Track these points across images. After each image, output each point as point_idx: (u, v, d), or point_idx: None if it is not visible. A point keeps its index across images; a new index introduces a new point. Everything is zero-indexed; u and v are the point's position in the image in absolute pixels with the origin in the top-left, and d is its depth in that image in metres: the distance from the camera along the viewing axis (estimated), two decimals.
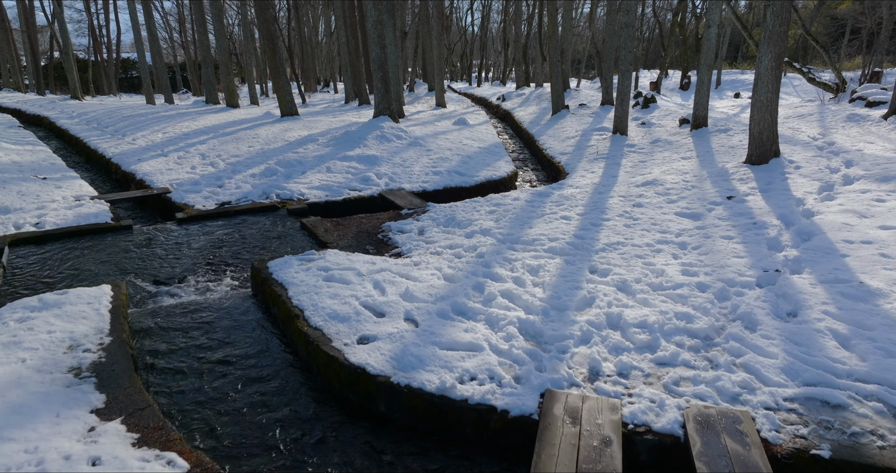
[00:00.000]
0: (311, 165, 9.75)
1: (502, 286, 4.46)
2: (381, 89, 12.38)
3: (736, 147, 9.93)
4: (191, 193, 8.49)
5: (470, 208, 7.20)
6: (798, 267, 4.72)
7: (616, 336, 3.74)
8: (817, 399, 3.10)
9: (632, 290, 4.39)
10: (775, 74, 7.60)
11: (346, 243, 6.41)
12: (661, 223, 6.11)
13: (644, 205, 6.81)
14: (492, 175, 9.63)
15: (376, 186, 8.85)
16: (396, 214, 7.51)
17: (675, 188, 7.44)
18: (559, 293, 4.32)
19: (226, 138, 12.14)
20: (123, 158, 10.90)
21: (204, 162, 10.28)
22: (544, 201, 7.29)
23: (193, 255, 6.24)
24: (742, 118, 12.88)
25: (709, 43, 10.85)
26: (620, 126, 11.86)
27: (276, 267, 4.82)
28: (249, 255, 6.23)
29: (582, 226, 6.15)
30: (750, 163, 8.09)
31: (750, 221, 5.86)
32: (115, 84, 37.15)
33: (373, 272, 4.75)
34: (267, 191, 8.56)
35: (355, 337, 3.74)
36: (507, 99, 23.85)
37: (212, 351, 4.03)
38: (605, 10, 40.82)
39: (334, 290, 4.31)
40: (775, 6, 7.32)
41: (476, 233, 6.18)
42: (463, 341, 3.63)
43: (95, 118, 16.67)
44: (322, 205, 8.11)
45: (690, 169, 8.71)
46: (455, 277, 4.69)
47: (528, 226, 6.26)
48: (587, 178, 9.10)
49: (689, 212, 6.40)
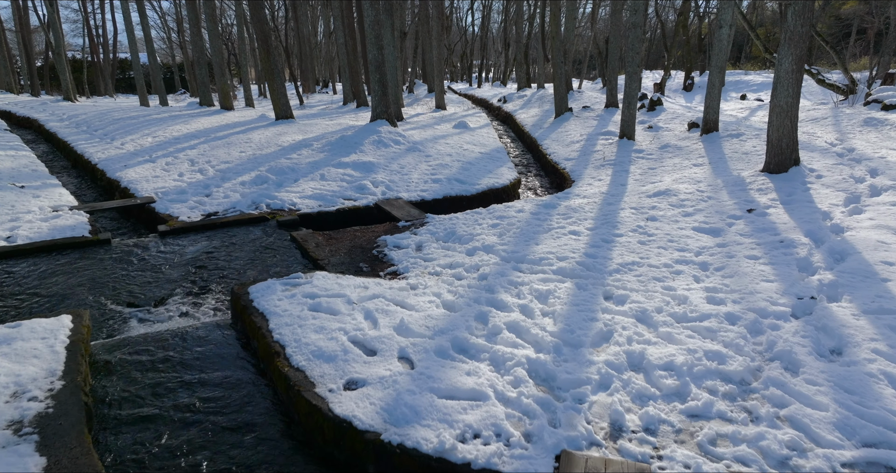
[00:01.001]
0: (304, 172, 9.28)
1: (508, 316, 4.00)
2: (379, 92, 11.91)
3: (750, 153, 9.47)
4: (176, 203, 8.03)
5: (471, 221, 6.74)
6: (835, 293, 4.26)
7: (639, 380, 3.28)
8: (881, 464, 2.64)
9: (653, 322, 3.93)
10: (796, 77, 7.14)
11: (338, 260, 5.95)
12: (679, 239, 5.65)
13: (658, 218, 6.34)
14: (494, 183, 9.17)
15: (372, 195, 8.39)
16: (393, 227, 7.05)
17: (690, 199, 6.98)
18: (572, 325, 3.86)
19: (217, 143, 11.68)
20: (109, 164, 10.44)
21: (192, 168, 9.82)
22: (551, 213, 6.83)
23: (173, 274, 5.78)
24: (752, 121, 12.42)
25: (720, 44, 10.39)
26: (627, 130, 11.39)
27: (257, 293, 4.36)
28: (233, 274, 5.77)
29: (593, 242, 5.69)
30: (768, 172, 7.63)
31: (775, 238, 5.39)
32: (111, 85, 36.72)
33: (364, 299, 4.29)
34: (257, 200, 8.10)
35: (342, 380, 3.28)
36: (508, 100, 23.39)
37: (182, 394, 3.57)
38: (607, 9, 40.39)
39: (320, 322, 3.85)
40: (797, 5, 6.86)
41: (478, 250, 5.73)
42: (465, 387, 3.17)
43: (85, 121, 16.21)
44: (314, 216, 7.65)
45: (704, 177, 8.25)
46: (455, 305, 4.23)
47: (535, 243, 5.79)
48: (594, 187, 8.64)
49: (708, 227, 5.93)
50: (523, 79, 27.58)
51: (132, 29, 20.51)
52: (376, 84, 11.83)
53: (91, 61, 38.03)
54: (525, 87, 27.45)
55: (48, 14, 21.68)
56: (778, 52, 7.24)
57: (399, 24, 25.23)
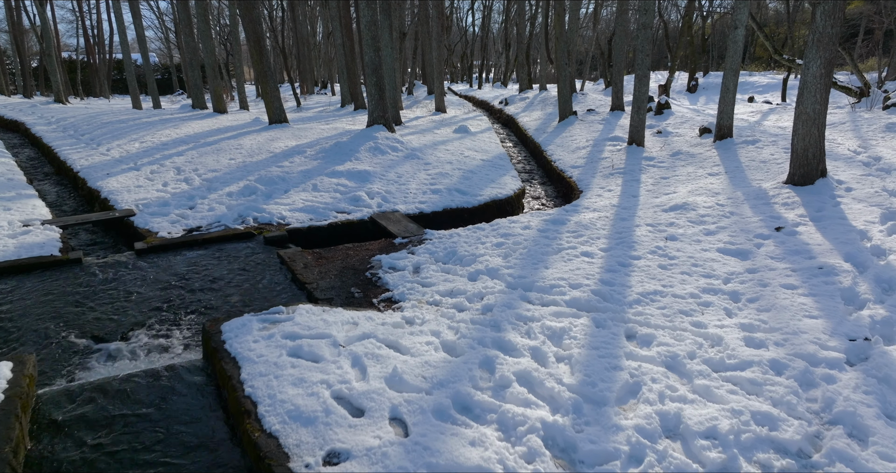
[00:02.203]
0: (295, 182, 8.75)
1: (518, 363, 3.47)
2: (376, 96, 11.37)
3: (768, 161, 8.94)
4: (157, 217, 7.50)
5: (474, 239, 6.21)
6: (891, 332, 3.73)
7: (677, 453, 2.74)
8: None
9: (686, 371, 3.39)
10: (825, 82, 6.61)
11: (327, 283, 5.42)
12: (703, 263, 5.11)
13: (678, 237, 5.81)
14: (497, 193, 8.63)
15: (367, 208, 7.85)
16: (389, 244, 6.52)
17: (710, 215, 6.44)
18: (593, 375, 3.32)
19: (206, 149, 11.15)
20: (91, 172, 9.91)
21: (178, 177, 9.28)
22: (560, 231, 6.29)
23: (146, 299, 5.25)
24: (766, 126, 11.89)
25: (735, 45, 9.85)
26: (636, 136, 10.86)
27: (230, 332, 3.82)
28: (212, 299, 5.24)
29: (608, 266, 5.15)
30: (792, 184, 7.09)
31: (812, 263, 4.85)
32: (107, 85, 36.20)
33: (353, 340, 3.75)
34: (244, 213, 7.57)
35: (322, 452, 2.75)
36: (510, 103, 22.86)
37: (137, 463, 3.04)
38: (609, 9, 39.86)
39: (300, 372, 3.32)
40: (827, 5, 6.33)
41: (482, 274, 5.19)
42: (469, 462, 2.64)
43: (73, 124, 15.68)
44: (304, 232, 7.11)
45: (722, 188, 7.72)
46: (457, 347, 3.70)
47: (544, 266, 5.26)
48: (605, 198, 8.11)
49: (735, 249, 5.39)
50: (525, 81, 27.05)
51: (124, 29, 19.98)
52: (373, 87, 11.29)
53: (87, 62, 37.50)
54: (527, 89, 26.92)
55: (38, 14, 21.15)
56: (804, 55, 6.70)
57: (398, 24, 24.70)
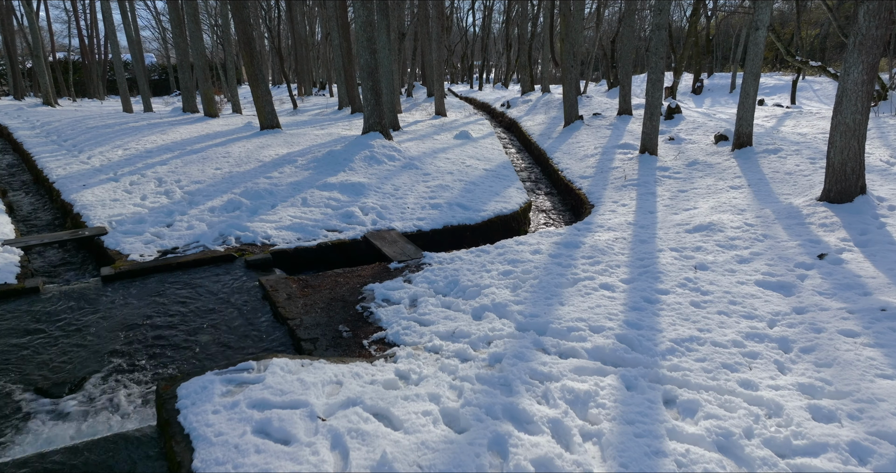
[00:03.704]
0: (283, 196, 8.09)
1: (536, 444, 2.81)
2: (372, 101, 10.71)
3: (793, 173, 8.29)
4: (130, 236, 6.85)
5: (477, 265, 5.56)
6: None
7: None
8: None
9: (746, 457, 2.74)
10: (867, 90, 5.96)
11: (312, 319, 4.78)
12: (742, 300, 4.46)
13: (709, 266, 5.15)
14: (502, 208, 7.97)
15: (361, 225, 7.20)
16: (383, 269, 5.88)
17: (741, 237, 5.79)
18: (630, 465, 2.67)
19: (192, 157, 10.50)
20: (67, 183, 9.25)
21: (158, 190, 8.63)
22: (573, 256, 5.64)
23: (106, 339, 4.60)
24: (784, 133, 11.23)
25: (756, 48, 9.20)
26: (649, 144, 10.20)
27: (188, 398, 3.16)
28: (180, 338, 4.59)
29: (632, 303, 4.50)
30: (828, 201, 6.44)
31: (870, 302, 4.20)
32: (102, 87, 35.56)
33: (334, 408, 3.10)
34: (225, 232, 6.92)
35: None
36: (512, 105, 22.21)
37: None
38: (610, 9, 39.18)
39: (265, 460, 2.66)
40: (871, 4, 5.68)
41: (487, 311, 4.55)
42: None
43: (57, 129, 15.04)
44: (290, 254, 6.46)
45: (747, 204, 7.07)
46: (461, 417, 3.05)
47: (558, 301, 4.61)
48: (619, 215, 7.45)
49: (775, 282, 4.74)
50: (527, 83, 26.40)
51: (113, 30, 19.31)
52: (368, 92, 10.63)
53: (81, 62, 36.83)
54: (529, 91, 26.27)
55: (25, 14, 20.49)
56: (844, 59, 6.05)
57: (397, 24, 24.05)
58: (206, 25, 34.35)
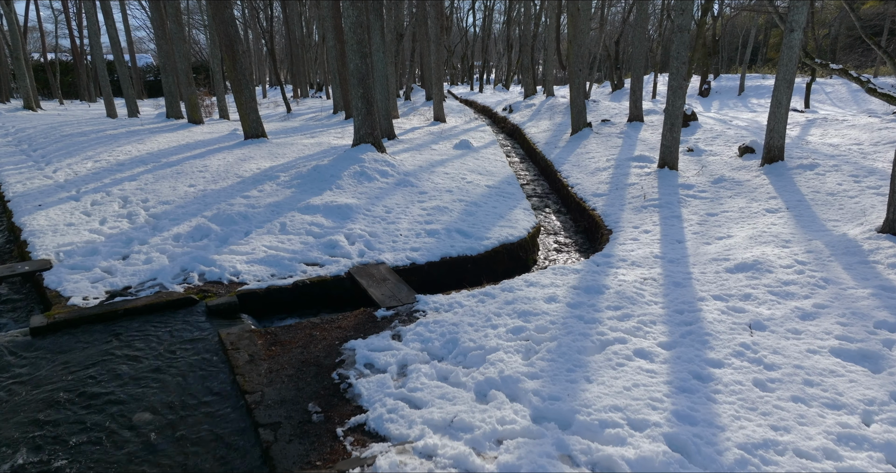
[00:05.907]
0: (259, 220, 7.14)
1: None
2: (363, 110, 9.75)
3: (837, 194, 7.34)
4: (77, 272, 5.89)
5: (482, 318, 4.61)
6: None
7: None
8: None
9: None
10: None
11: (276, 393, 3.84)
12: (819, 378, 3.51)
13: (766, 325, 4.19)
14: (507, 235, 7.02)
15: (345, 257, 6.25)
16: (368, 318, 4.93)
17: (795, 282, 4.83)
18: None
19: (165, 172, 9.55)
20: (22, 202, 8.31)
21: (121, 212, 7.68)
22: (596, 305, 4.69)
23: (13, 424, 3.65)
24: (814, 144, 10.28)
25: (791, 52, 8.25)
26: (669, 158, 9.25)
27: None
28: (108, 425, 3.63)
29: (679, 381, 3.55)
30: (892, 234, 5.50)
31: None
32: (93, 88, 34.62)
33: None
34: (188, 267, 5.97)
35: None
36: (514, 110, 21.26)
37: None
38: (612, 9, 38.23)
39: None
40: None
41: (495, 389, 3.60)
42: None
43: (30, 137, 14.09)
44: (261, 295, 5.51)
45: (791, 234, 6.12)
46: None
47: (584, 375, 3.66)
48: (643, 244, 6.50)
49: (855, 350, 3.79)
50: (530, 86, 25.45)
51: (96, 30, 18.37)
52: (359, 100, 9.67)
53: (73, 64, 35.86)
54: (532, 94, 25.32)
55: (4, 14, 19.53)
56: None
57: (395, 24, 23.10)
58: (201, 24, 33.38)
